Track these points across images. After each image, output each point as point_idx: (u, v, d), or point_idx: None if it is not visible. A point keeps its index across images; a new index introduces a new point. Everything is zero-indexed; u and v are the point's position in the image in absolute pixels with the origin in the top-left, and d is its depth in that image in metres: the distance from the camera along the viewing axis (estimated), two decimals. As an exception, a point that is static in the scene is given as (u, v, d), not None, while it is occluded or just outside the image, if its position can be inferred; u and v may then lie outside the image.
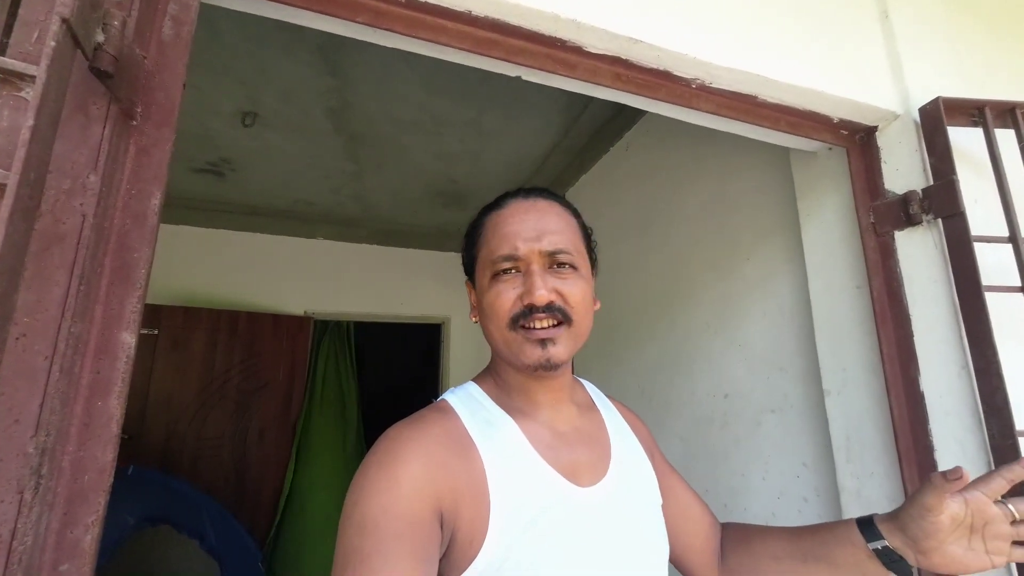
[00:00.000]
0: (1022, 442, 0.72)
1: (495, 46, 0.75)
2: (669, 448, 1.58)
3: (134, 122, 0.50)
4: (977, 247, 0.80)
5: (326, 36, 1.47)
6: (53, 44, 0.35)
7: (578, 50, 0.79)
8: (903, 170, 0.94)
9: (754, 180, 1.36)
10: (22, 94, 0.37)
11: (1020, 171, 0.84)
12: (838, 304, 1.03)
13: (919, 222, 0.88)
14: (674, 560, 0.68)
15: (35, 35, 0.40)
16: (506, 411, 0.62)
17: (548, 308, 0.57)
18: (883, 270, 0.93)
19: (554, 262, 0.60)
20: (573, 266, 0.61)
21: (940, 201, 0.85)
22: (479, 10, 0.71)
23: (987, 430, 0.75)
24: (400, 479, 0.50)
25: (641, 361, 1.81)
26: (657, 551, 0.61)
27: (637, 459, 0.68)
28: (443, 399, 0.63)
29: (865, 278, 0.95)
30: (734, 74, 0.86)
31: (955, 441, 0.81)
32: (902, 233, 0.92)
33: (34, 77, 0.35)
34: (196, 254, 2.86)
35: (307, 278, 3.10)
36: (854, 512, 0.95)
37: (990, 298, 0.77)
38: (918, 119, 0.92)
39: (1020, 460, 0.56)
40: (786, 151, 1.17)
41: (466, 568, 0.50)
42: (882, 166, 0.97)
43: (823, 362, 1.06)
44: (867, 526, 0.59)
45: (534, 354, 0.57)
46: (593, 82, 0.82)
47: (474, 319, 0.66)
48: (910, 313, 0.89)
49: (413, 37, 0.71)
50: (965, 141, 0.89)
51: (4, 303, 0.33)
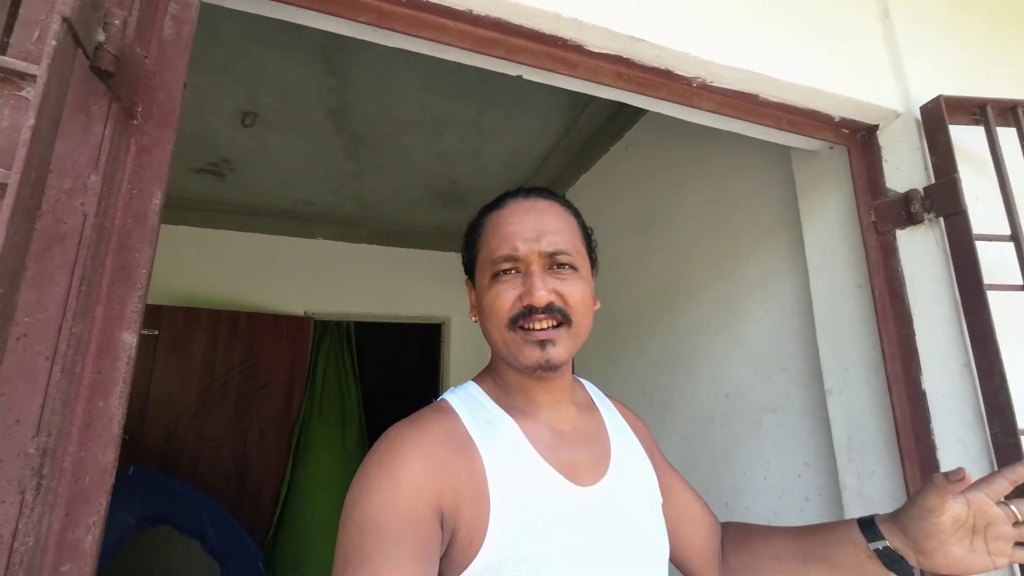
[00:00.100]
0: (1024, 441, 0.72)
1: (496, 45, 0.75)
2: (670, 448, 1.58)
3: (135, 121, 0.50)
4: (979, 245, 0.80)
5: (326, 36, 1.47)
6: (54, 43, 0.35)
7: (579, 49, 0.79)
8: (904, 169, 0.94)
9: (755, 179, 1.36)
10: (23, 93, 0.37)
11: (1022, 169, 0.84)
12: (839, 303, 1.03)
13: (921, 221, 0.88)
14: (674, 560, 0.68)
15: (36, 34, 0.39)
16: (506, 411, 0.62)
17: (548, 309, 0.57)
18: (884, 269, 0.93)
19: (554, 263, 0.60)
20: (573, 267, 0.61)
21: (942, 199, 0.85)
22: (480, 9, 0.70)
23: (989, 429, 0.75)
24: (400, 479, 0.50)
25: (642, 361, 1.81)
26: (657, 551, 0.61)
27: (637, 459, 0.68)
28: (443, 399, 0.63)
29: (866, 277, 0.95)
30: (735, 73, 0.85)
31: (957, 440, 0.80)
32: (903, 232, 0.92)
33: (35, 76, 0.35)
34: (196, 254, 2.85)
35: (307, 278, 3.10)
36: (856, 511, 0.95)
37: (992, 296, 0.77)
38: (919, 117, 0.92)
39: (1022, 460, 0.56)
40: (787, 150, 1.17)
41: (466, 568, 0.50)
42: (883, 165, 0.97)
43: (824, 361, 1.06)
44: (868, 526, 0.59)
45: (533, 355, 0.57)
46: (594, 81, 0.82)
47: (474, 319, 0.66)
48: (912, 312, 0.89)
49: (414, 36, 0.71)
50: (966, 139, 0.89)
51: (5, 303, 0.33)
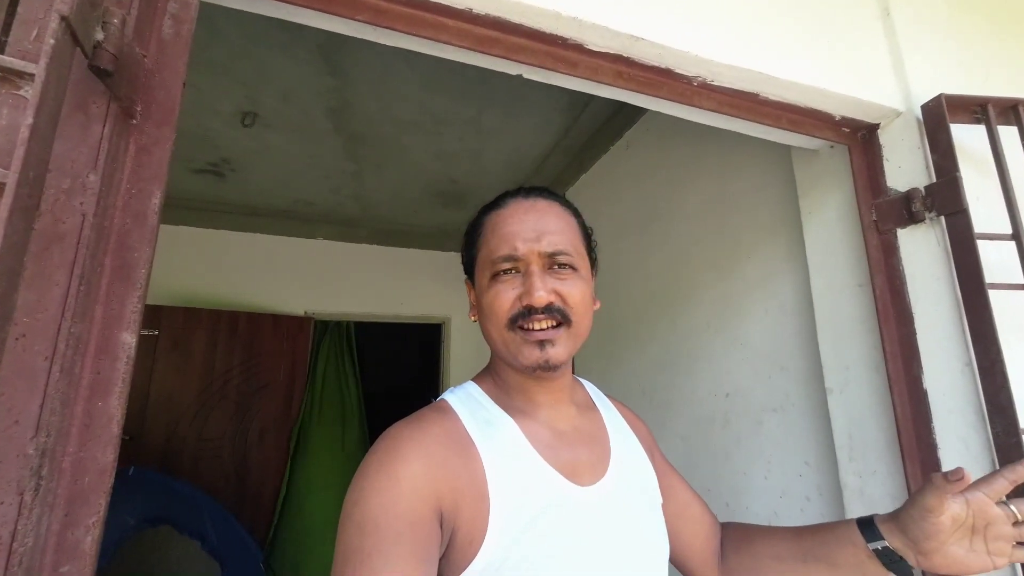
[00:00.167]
0: (1026, 440, 0.72)
1: (496, 44, 0.75)
2: (670, 448, 1.58)
3: (134, 121, 0.50)
4: (980, 244, 0.79)
5: (326, 35, 1.47)
6: (52, 42, 0.35)
7: (579, 48, 0.78)
8: (905, 167, 0.93)
9: (755, 178, 1.36)
10: (21, 92, 0.37)
11: (1023, 168, 0.83)
12: (840, 302, 1.03)
13: (922, 220, 0.88)
14: (674, 560, 0.68)
15: (34, 33, 0.39)
16: (506, 411, 0.61)
17: (547, 309, 0.57)
18: (885, 268, 0.93)
19: (553, 263, 0.60)
20: (572, 267, 0.61)
21: (943, 198, 0.85)
22: (480, 8, 0.70)
23: (991, 428, 0.75)
24: (400, 478, 0.50)
25: (642, 361, 1.81)
26: (657, 550, 0.61)
27: (637, 458, 0.68)
28: (443, 399, 0.63)
29: (867, 276, 0.95)
30: (736, 72, 0.85)
31: (958, 439, 0.80)
32: (904, 231, 0.92)
33: (33, 75, 0.35)
34: (196, 254, 2.85)
35: (307, 278, 3.10)
36: (857, 511, 0.94)
37: (993, 295, 0.77)
38: (920, 116, 0.92)
39: (1022, 460, 0.56)
40: (787, 149, 1.17)
41: (466, 567, 0.50)
42: (884, 164, 0.97)
43: (825, 360, 1.06)
44: (867, 526, 0.59)
45: (532, 355, 0.57)
46: (594, 80, 0.82)
47: (473, 318, 0.66)
48: (913, 311, 0.89)
49: (413, 35, 0.71)
50: (967, 138, 0.89)
51: (4, 303, 0.32)
